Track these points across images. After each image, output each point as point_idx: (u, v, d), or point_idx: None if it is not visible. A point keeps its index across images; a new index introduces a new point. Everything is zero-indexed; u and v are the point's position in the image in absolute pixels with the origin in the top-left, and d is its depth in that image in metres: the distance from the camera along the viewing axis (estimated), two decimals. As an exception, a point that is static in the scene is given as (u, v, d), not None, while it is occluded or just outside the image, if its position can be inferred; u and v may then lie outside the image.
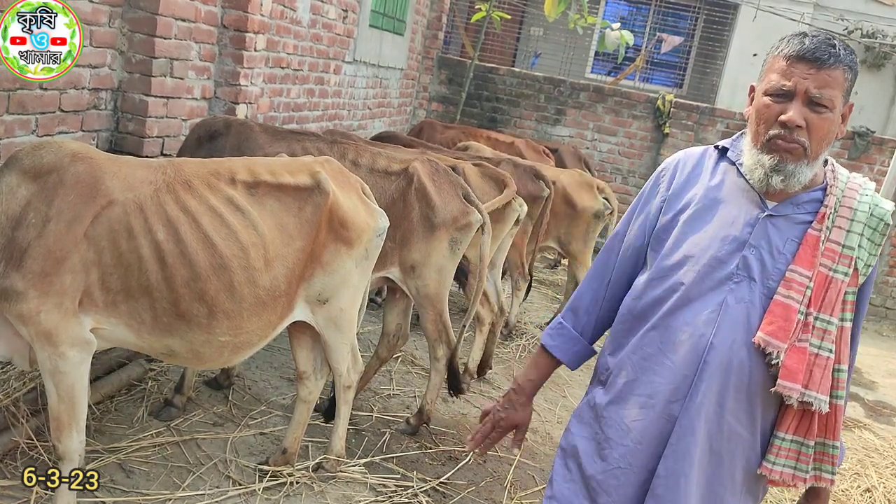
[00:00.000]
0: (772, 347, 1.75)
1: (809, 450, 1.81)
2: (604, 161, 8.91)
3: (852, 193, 1.84)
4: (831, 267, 1.78)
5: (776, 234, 1.82)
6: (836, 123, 1.80)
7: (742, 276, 1.81)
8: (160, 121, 4.04)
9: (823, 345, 1.76)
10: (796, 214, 1.84)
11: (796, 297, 1.76)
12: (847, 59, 1.77)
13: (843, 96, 1.78)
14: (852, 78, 1.79)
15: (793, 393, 1.74)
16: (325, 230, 2.87)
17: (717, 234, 1.86)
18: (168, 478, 3.08)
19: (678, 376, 1.84)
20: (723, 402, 1.82)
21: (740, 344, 1.79)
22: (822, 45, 1.77)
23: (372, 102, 7.54)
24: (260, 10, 4.58)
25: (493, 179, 4.25)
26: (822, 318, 1.77)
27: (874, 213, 1.82)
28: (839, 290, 1.77)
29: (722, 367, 1.80)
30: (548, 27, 10.61)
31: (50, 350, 2.40)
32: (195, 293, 2.55)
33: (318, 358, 3.19)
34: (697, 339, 1.82)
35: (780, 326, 1.75)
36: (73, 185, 2.40)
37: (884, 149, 8.41)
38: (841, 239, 1.79)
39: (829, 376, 1.76)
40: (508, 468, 3.74)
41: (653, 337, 1.90)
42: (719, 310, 1.81)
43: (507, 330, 5.61)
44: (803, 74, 1.76)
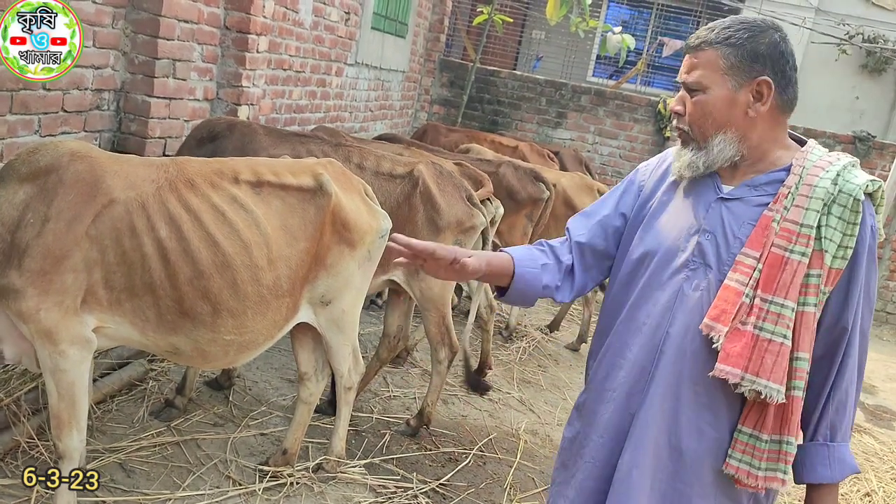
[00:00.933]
0: (714, 332, 1.70)
1: (763, 444, 1.72)
2: (605, 164, 8.92)
3: (816, 171, 1.72)
4: (786, 247, 1.68)
5: (732, 218, 1.77)
6: (715, 104, 1.74)
7: (698, 262, 1.77)
8: (162, 122, 4.04)
9: (777, 330, 1.67)
10: (753, 197, 1.77)
11: (742, 280, 1.69)
12: (720, 38, 1.73)
13: (725, 74, 1.72)
14: (737, 54, 1.72)
15: (731, 377, 1.67)
16: (328, 232, 2.88)
17: (675, 224, 1.83)
18: (168, 478, 3.08)
19: (637, 368, 1.82)
20: (679, 395, 1.76)
21: (694, 332, 1.74)
22: (703, 31, 1.77)
23: (373, 105, 7.56)
24: (262, 12, 4.59)
25: (472, 179, 4.27)
26: (776, 300, 1.67)
27: (843, 189, 1.68)
28: (795, 272, 1.66)
29: (677, 358, 1.76)
30: (549, 30, 10.62)
31: (50, 348, 2.41)
32: (199, 291, 2.56)
33: (320, 359, 3.20)
34: (654, 329, 1.80)
35: (723, 310, 1.70)
36: (73, 183, 2.41)
37: (885, 153, 8.42)
38: (799, 218, 1.68)
39: (783, 364, 1.66)
40: (508, 470, 3.75)
41: (621, 331, 1.88)
42: (675, 298, 1.78)
43: (508, 332, 5.62)
44: (683, 64, 1.80)
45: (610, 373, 1.88)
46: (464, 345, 4.21)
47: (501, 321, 5.72)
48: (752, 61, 1.72)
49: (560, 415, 4.54)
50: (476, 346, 5.10)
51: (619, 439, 1.84)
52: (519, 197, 4.97)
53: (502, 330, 5.62)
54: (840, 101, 10.48)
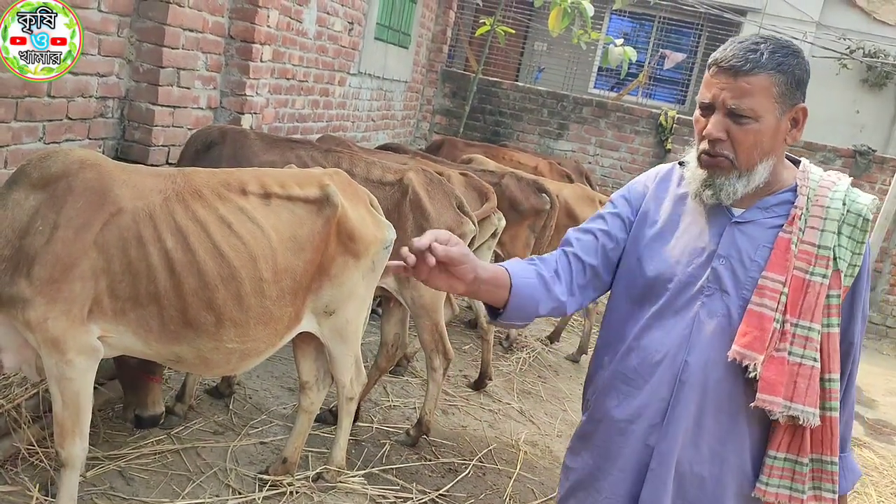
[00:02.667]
0: (748, 360, 1.65)
1: (804, 468, 1.69)
2: (606, 176, 8.94)
3: (824, 191, 1.71)
4: (807, 270, 1.66)
5: (746, 242, 1.72)
6: (766, 132, 1.67)
7: (713, 288, 1.72)
8: (166, 130, 4.06)
9: (806, 353, 1.65)
10: (766, 219, 1.73)
11: (770, 305, 1.65)
12: (772, 63, 1.64)
13: (776, 102, 1.65)
14: (786, 81, 1.65)
15: (774, 407, 1.64)
16: (333, 243, 2.89)
17: (685, 248, 1.78)
18: (168, 486, 3.08)
19: (655, 399, 1.76)
20: (701, 423, 1.73)
21: (715, 360, 1.70)
22: (741, 51, 1.65)
23: (376, 114, 7.58)
24: (267, 22, 4.62)
25: (477, 190, 4.28)
26: (803, 324, 1.66)
27: (851, 209, 1.70)
28: (818, 294, 1.65)
29: (698, 387, 1.71)
30: (551, 42, 10.67)
31: (57, 357, 2.41)
32: (203, 301, 2.56)
33: (322, 368, 3.20)
34: (672, 358, 1.74)
35: (756, 337, 1.65)
36: (82, 191, 2.42)
37: (885, 167, 8.44)
38: (815, 239, 1.67)
39: (815, 387, 1.65)
40: (508, 481, 3.74)
41: (630, 359, 1.81)
42: (692, 326, 1.73)
43: (508, 343, 5.62)
44: (721, 85, 1.66)
45: (622, 403, 1.82)
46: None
47: (502, 332, 5.72)
48: (796, 88, 1.68)
49: (560, 426, 4.54)
50: (476, 356, 5.11)
51: (639, 472, 1.79)
52: (521, 208, 4.98)
53: (502, 340, 5.63)
54: (841, 115, 10.52)
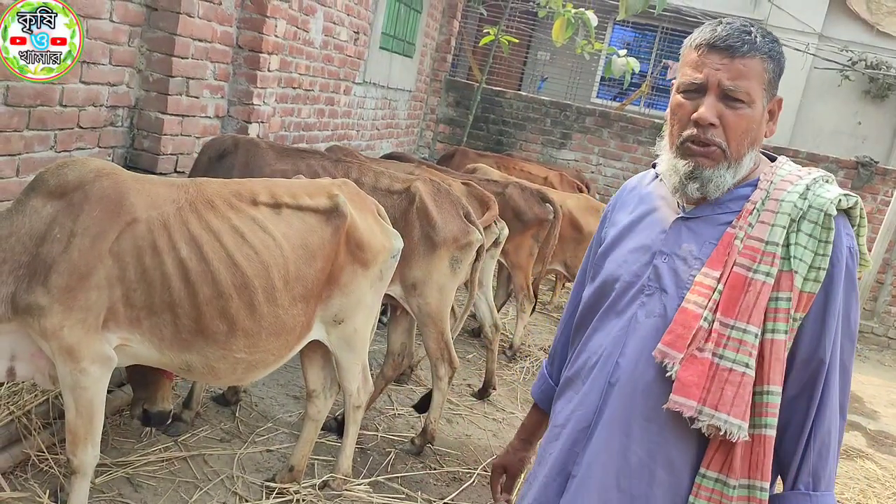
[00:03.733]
0: (668, 359, 1.52)
1: (731, 491, 1.50)
2: (609, 185, 8.97)
3: (785, 185, 1.55)
4: (750, 267, 1.50)
5: (692, 238, 1.60)
6: (756, 120, 1.56)
7: (653, 287, 1.60)
8: (175, 138, 4.09)
9: (739, 358, 1.48)
10: (717, 215, 1.60)
11: (701, 302, 1.52)
12: (766, 48, 1.54)
13: (765, 89, 1.56)
14: (774, 69, 1.56)
15: (686, 410, 1.48)
16: (342, 252, 2.92)
17: (634, 248, 1.68)
18: (175, 493, 3.10)
19: (585, 403, 1.65)
20: (629, 431, 1.58)
21: (646, 362, 1.56)
22: (736, 31, 1.55)
23: (380, 123, 7.62)
24: (274, 32, 4.66)
25: (478, 199, 4.31)
26: (738, 325, 1.49)
27: (814, 204, 1.51)
28: (759, 293, 1.49)
29: (627, 390, 1.58)
30: (555, 52, 10.72)
31: (72, 365, 2.43)
32: (217, 310, 2.59)
33: (329, 377, 3.22)
34: (605, 360, 1.63)
35: (679, 335, 1.52)
36: (98, 201, 2.44)
37: (887, 179, 8.47)
38: (764, 235, 1.51)
39: (744, 396, 1.47)
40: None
41: (576, 363, 1.73)
42: (628, 326, 1.61)
43: (512, 352, 5.64)
44: (715, 65, 1.54)
45: (563, 408, 1.73)
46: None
47: (506, 341, 5.74)
48: (778, 78, 1.59)
49: (563, 435, 4.55)
50: (480, 365, 5.13)
51: (562, 478, 1.67)
52: (525, 217, 5.01)
53: (506, 349, 5.64)
54: (843, 127, 10.56)
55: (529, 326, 6.20)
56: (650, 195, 1.74)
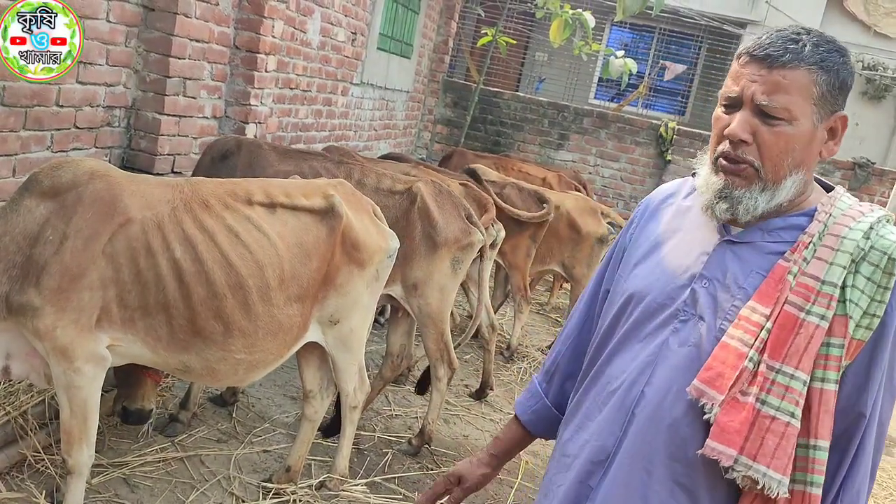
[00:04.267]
0: (706, 398, 1.37)
1: None
2: (606, 186, 8.98)
3: (846, 220, 1.40)
4: (803, 307, 1.36)
5: (737, 265, 1.45)
6: (801, 139, 1.40)
7: (689, 313, 1.45)
8: (172, 139, 4.09)
9: (783, 406, 1.34)
10: (767, 242, 1.45)
11: (746, 339, 1.37)
12: (815, 57, 1.37)
13: (815, 104, 1.39)
14: (829, 81, 1.39)
15: (723, 459, 1.34)
16: (338, 252, 2.92)
17: (668, 267, 1.53)
18: (172, 493, 3.09)
19: (603, 433, 1.51)
20: (651, 469, 1.44)
21: (676, 396, 1.42)
22: (780, 39, 1.39)
23: (378, 124, 7.62)
24: (272, 32, 4.66)
25: (476, 200, 4.31)
26: (785, 370, 1.35)
27: (876, 245, 1.37)
28: (811, 337, 1.34)
29: (651, 424, 1.44)
30: (552, 53, 10.73)
31: (65, 365, 2.43)
32: (212, 311, 2.58)
33: (325, 377, 3.22)
34: (628, 388, 1.48)
35: (720, 373, 1.37)
36: (91, 202, 2.44)
37: (884, 180, 8.49)
38: (820, 273, 1.36)
39: (787, 449, 1.33)
40: (509, 491, 3.76)
41: (592, 389, 1.58)
42: (657, 353, 1.46)
43: (509, 353, 5.64)
44: (752, 76, 1.40)
45: (573, 436, 1.59)
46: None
47: (503, 341, 5.74)
48: (839, 93, 1.41)
49: (561, 436, 4.55)
50: (478, 366, 5.13)
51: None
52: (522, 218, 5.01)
53: (503, 350, 5.65)
54: (840, 128, 10.58)
55: (527, 327, 6.21)
56: (690, 209, 1.59)
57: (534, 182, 6.13)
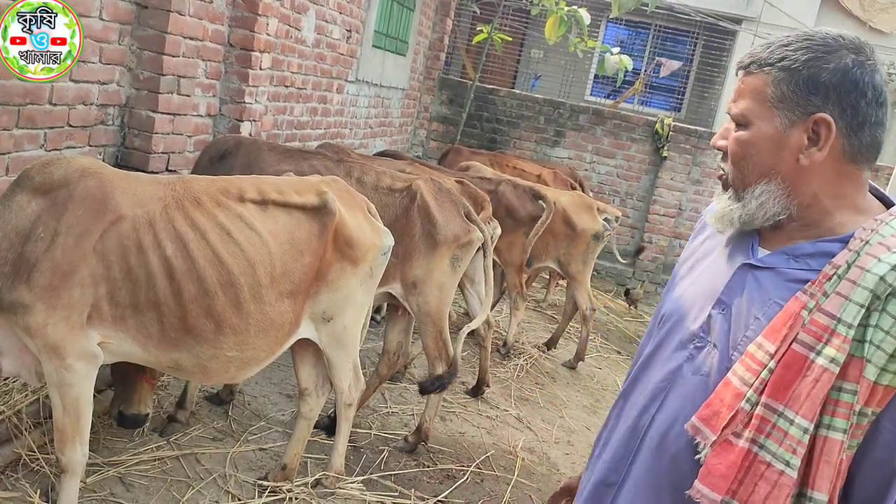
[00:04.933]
0: (701, 437, 1.31)
1: None
2: (602, 183, 8.98)
3: (880, 250, 1.24)
4: (814, 347, 1.24)
5: (757, 292, 1.35)
6: (758, 144, 1.35)
7: (705, 340, 1.40)
8: (166, 137, 4.08)
9: (780, 452, 1.24)
10: (791, 269, 1.34)
11: (747, 379, 1.28)
12: (773, 59, 1.32)
13: (773, 107, 1.33)
14: (790, 79, 1.31)
15: (707, 503, 1.28)
16: (331, 249, 2.91)
17: (696, 288, 1.48)
18: (168, 492, 3.09)
19: (616, 456, 1.49)
20: (660, 498, 1.39)
21: (681, 427, 1.36)
22: (757, 48, 1.38)
23: (373, 122, 7.61)
24: (266, 30, 4.65)
25: (472, 198, 4.31)
26: (786, 414, 1.24)
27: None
28: (818, 381, 1.23)
29: (657, 452, 1.41)
30: (548, 50, 10.72)
31: (57, 363, 2.43)
32: (203, 308, 2.58)
33: (320, 375, 3.22)
34: (641, 412, 1.45)
35: (716, 411, 1.30)
36: (82, 199, 2.44)
37: (879, 176, 8.48)
38: (836, 310, 1.23)
39: (779, 498, 1.24)
40: (506, 487, 3.76)
41: (620, 406, 1.56)
42: (672, 379, 1.42)
43: (505, 350, 5.64)
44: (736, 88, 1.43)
45: (598, 451, 1.59)
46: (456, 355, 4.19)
47: (499, 338, 5.74)
48: (810, 93, 1.31)
49: (557, 433, 4.55)
50: (474, 363, 5.13)
51: None
52: (518, 215, 5.01)
53: (500, 347, 5.64)
54: (835, 123, 10.58)
55: (523, 324, 6.21)
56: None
57: (528, 179, 6.12)
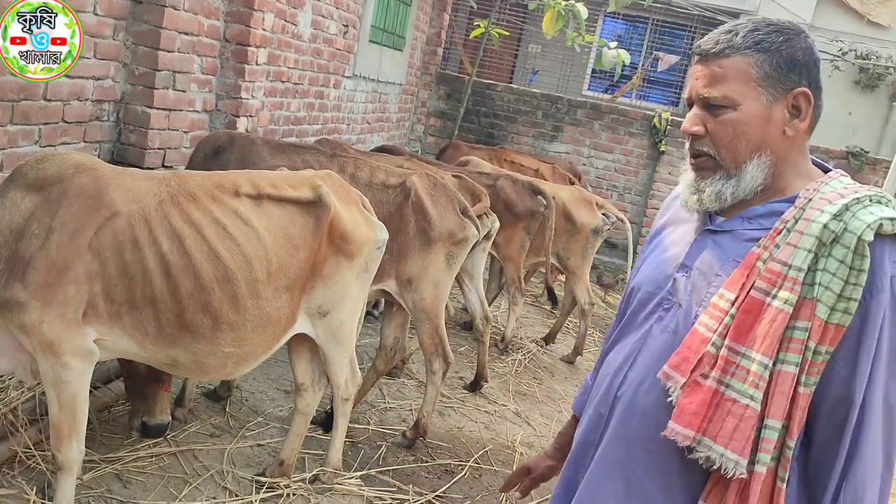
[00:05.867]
0: (671, 382, 1.43)
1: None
2: (600, 178, 8.96)
3: (822, 203, 1.40)
4: (769, 292, 1.38)
5: (717, 254, 1.50)
6: (749, 122, 1.45)
7: (671, 301, 1.53)
8: (162, 133, 4.07)
9: (744, 389, 1.37)
10: (746, 230, 1.49)
11: (711, 325, 1.42)
12: (748, 42, 1.44)
13: (759, 86, 1.44)
14: (770, 60, 1.44)
15: (681, 439, 1.39)
16: (326, 243, 2.90)
17: (661, 258, 1.62)
18: (165, 488, 3.08)
19: (594, 414, 1.62)
20: (630, 449, 1.52)
21: (651, 382, 1.49)
22: (716, 34, 1.48)
23: (371, 117, 7.59)
24: (262, 25, 4.63)
25: (469, 192, 4.29)
26: (748, 354, 1.37)
27: (849, 226, 1.35)
28: (774, 321, 1.36)
29: (630, 406, 1.53)
30: (546, 44, 10.69)
31: (52, 360, 2.42)
32: (199, 304, 2.57)
33: (317, 370, 3.21)
34: (616, 373, 1.58)
35: (685, 357, 1.42)
36: (76, 196, 2.42)
37: (878, 169, 8.48)
38: (787, 258, 1.38)
39: (746, 431, 1.36)
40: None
41: (599, 375, 1.69)
42: (643, 340, 1.55)
43: (504, 345, 5.63)
44: (696, 74, 1.50)
45: (582, 419, 1.71)
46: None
47: (497, 333, 5.73)
48: (789, 70, 1.45)
49: (555, 427, 4.55)
50: (472, 358, 5.12)
51: (571, 494, 1.65)
52: (517, 210, 5.00)
53: (498, 342, 5.64)
54: (833, 117, 10.56)
55: (521, 319, 6.20)
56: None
57: (527, 174, 6.11)
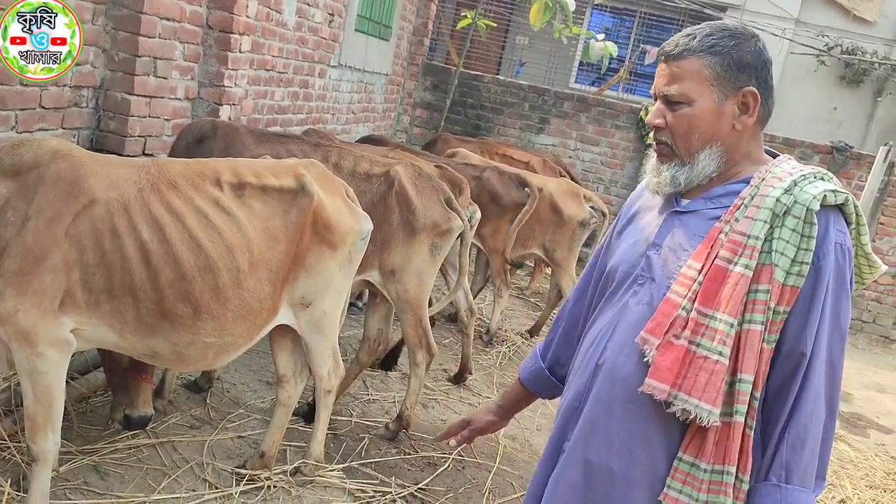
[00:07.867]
0: (647, 345, 1.62)
1: (703, 474, 1.58)
2: (586, 171, 8.95)
3: (774, 181, 1.62)
4: (731, 259, 1.58)
5: (683, 232, 1.70)
6: (703, 117, 1.65)
7: (645, 277, 1.71)
8: (142, 120, 4.00)
9: (713, 346, 1.56)
10: (708, 209, 1.70)
11: (681, 292, 1.61)
12: (703, 46, 1.64)
13: (712, 85, 1.64)
14: (721, 62, 1.64)
15: (657, 394, 1.58)
16: (308, 233, 2.86)
17: (633, 241, 1.80)
18: (143, 480, 3.04)
19: (578, 383, 1.77)
20: (611, 412, 1.68)
21: (631, 348, 1.66)
22: (677, 37, 1.68)
23: (356, 107, 7.53)
24: (246, 12, 4.56)
25: (451, 182, 4.26)
26: (715, 315, 1.57)
27: (798, 199, 1.57)
28: (737, 285, 1.56)
29: (610, 372, 1.69)
30: (533, 36, 10.65)
31: (28, 350, 2.37)
32: (180, 293, 2.52)
33: (299, 361, 3.18)
34: (597, 343, 1.75)
35: (659, 323, 1.62)
36: (53, 182, 2.37)
37: (862, 164, 8.52)
38: (746, 229, 1.59)
39: (717, 384, 1.55)
40: (487, 475, 3.74)
41: (579, 352, 1.85)
42: (620, 313, 1.73)
43: (488, 337, 5.62)
44: (659, 73, 1.70)
45: (565, 393, 1.86)
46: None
47: (482, 325, 5.71)
48: (738, 71, 1.64)
49: (539, 420, 4.54)
50: (456, 350, 5.11)
51: (558, 455, 1.80)
52: (503, 202, 4.98)
53: (482, 334, 5.62)
54: (818, 112, 10.61)
55: (506, 311, 6.18)
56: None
57: (517, 166, 6.08)
